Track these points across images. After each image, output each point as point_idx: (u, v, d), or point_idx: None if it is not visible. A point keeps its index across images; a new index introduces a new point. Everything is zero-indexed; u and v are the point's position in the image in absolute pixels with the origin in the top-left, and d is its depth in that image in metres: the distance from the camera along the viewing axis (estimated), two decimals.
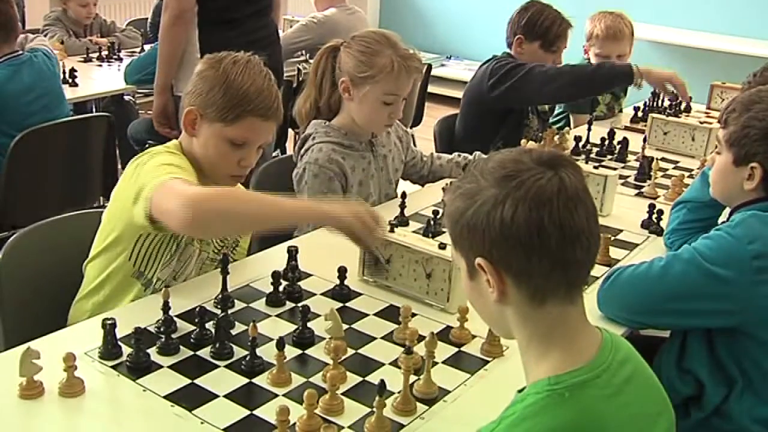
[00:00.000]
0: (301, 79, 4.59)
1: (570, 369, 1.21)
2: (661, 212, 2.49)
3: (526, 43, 3.37)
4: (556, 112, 4.00)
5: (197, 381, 1.60)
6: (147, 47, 4.62)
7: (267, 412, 1.51)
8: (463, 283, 1.33)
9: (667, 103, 3.90)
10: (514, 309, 1.26)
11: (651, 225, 2.50)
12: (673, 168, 3.13)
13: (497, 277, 1.23)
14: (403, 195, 2.46)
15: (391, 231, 1.99)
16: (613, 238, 2.37)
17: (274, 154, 3.88)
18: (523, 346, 1.29)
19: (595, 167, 2.65)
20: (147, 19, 5.39)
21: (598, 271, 2.14)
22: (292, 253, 2.01)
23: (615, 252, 2.30)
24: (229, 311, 1.83)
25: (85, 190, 3.21)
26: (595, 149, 3.24)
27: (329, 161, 2.42)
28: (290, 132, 4.67)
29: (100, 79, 4.08)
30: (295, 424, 1.45)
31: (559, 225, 1.19)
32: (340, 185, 2.44)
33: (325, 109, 2.52)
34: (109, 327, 1.65)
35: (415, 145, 2.79)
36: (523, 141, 3.09)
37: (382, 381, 1.47)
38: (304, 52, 4.62)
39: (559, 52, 3.42)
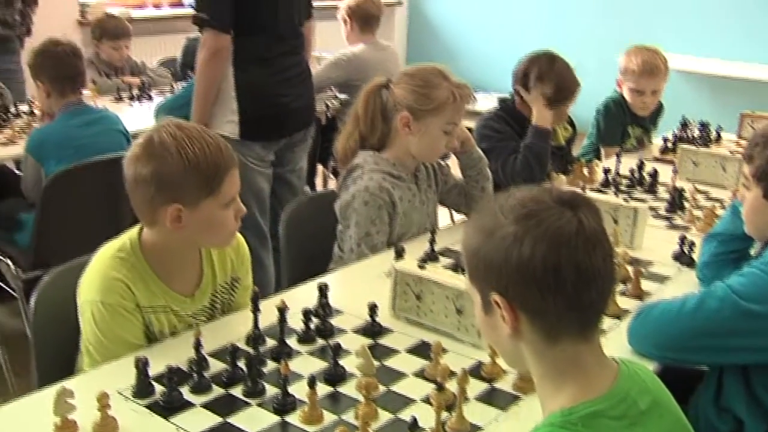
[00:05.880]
0: (329, 114, 4.63)
1: (584, 400, 1.21)
2: (692, 244, 2.47)
3: (530, 95, 3.17)
4: (584, 143, 4.00)
5: (230, 419, 1.60)
6: (177, 86, 4.70)
7: None
8: (477, 316, 1.34)
9: (696, 133, 3.89)
10: (528, 345, 1.27)
11: (682, 257, 2.48)
12: (705, 199, 3.11)
13: (512, 313, 1.24)
14: (433, 230, 2.46)
15: (422, 267, 1.99)
16: (644, 270, 2.36)
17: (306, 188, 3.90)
18: (538, 380, 1.30)
19: (625, 200, 2.64)
20: (176, 58, 5.45)
21: (629, 304, 2.13)
22: (323, 290, 2.01)
23: (646, 285, 2.28)
24: (261, 349, 1.83)
25: (118, 228, 3.24)
26: (624, 181, 3.23)
27: (380, 189, 2.47)
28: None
29: (131, 118, 4.12)
30: None
31: (576, 266, 1.20)
32: (388, 214, 2.49)
33: (374, 143, 2.58)
34: (141, 366, 1.66)
35: (451, 174, 2.82)
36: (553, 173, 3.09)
37: (414, 418, 1.46)
38: (332, 88, 4.66)
39: (563, 110, 3.23)
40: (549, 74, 3.10)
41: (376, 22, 4.81)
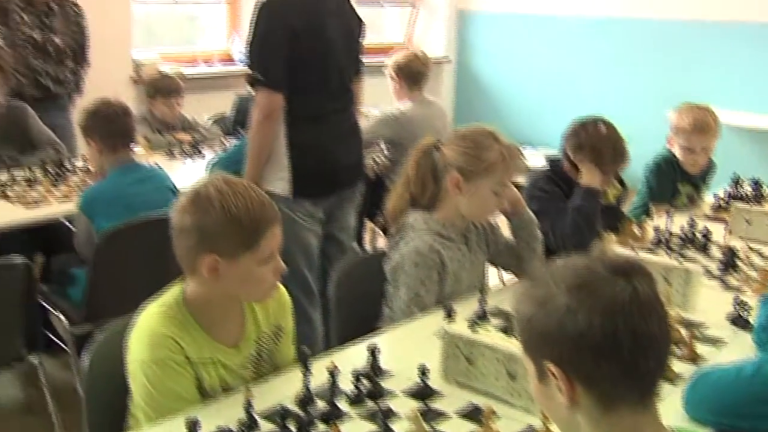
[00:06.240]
0: (377, 171, 4.66)
1: None
2: (747, 305, 2.43)
3: (578, 160, 3.14)
4: (634, 200, 3.97)
5: None
6: (228, 143, 4.76)
7: None
8: (531, 385, 1.33)
9: (749, 190, 3.84)
10: (584, 413, 1.26)
11: (738, 320, 2.43)
12: (759, 258, 3.06)
13: (567, 383, 1.23)
14: (483, 290, 2.45)
15: (472, 329, 1.98)
16: (698, 333, 2.32)
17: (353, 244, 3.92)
18: None
19: (677, 260, 2.60)
20: (227, 115, 5.54)
21: (683, 368, 2.09)
22: (374, 351, 2.00)
23: (700, 348, 2.24)
24: (311, 410, 1.82)
25: (168, 284, 3.29)
26: (676, 240, 3.20)
27: (430, 250, 2.48)
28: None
29: (182, 174, 4.18)
30: None
31: (632, 333, 1.20)
32: (438, 275, 2.49)
33: (425, 203, 2.59)
34: (192, 427, 1.66)
35: (501, 233, 2.81)
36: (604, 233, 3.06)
37: None
38: (380, 143, 4.70)
39: (610, 176, 3.19)
40: (598, 141, 3.09)
41: (424, 79, 4.85)
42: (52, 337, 3.49)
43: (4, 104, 4.28)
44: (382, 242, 4.93)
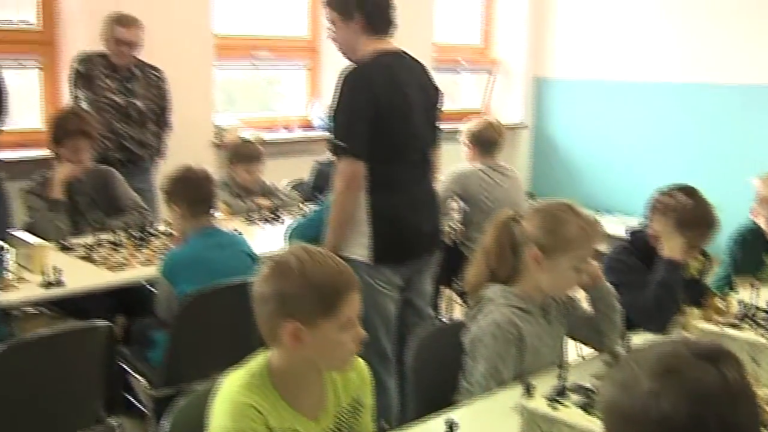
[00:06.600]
0: (453, 238, 4.67)
1: None
2: None
3: (662, 231, 3.12)
4: (717, 272, 3.89)
5: None
6: (306, 208, 4.82)
7: None
8: None
9: None
10: None
11: None
12: None
13: None
14: (561, 365, 2.41)
15: (551, 405, 1.95)
16: None
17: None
18: None
19: (764, 336, 2.53)
20: (304, 180, 5.61)
21: None
22: (451, 427, 1.98)
23: None
24: None
25: (247, 349, 3.33)
26: (762, 314, 3.10)
27: (509, 324, 2.47)
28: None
29: (261, 239, 4.24)
30: None
31: (720, 422, 1.18)
32: (516, 349, 2.47)
33: (503, 276, 2.58)
34: None
35: (580, 306, 2.78)
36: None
37: None
38: (453, 203, 4.71)
39: (698, 248, 3.17)
40: (686, 211, 3.04)
41: (497, 146, 4.88)
42: (132, 400, 3.54)
43: (91, 168, 4.40)
44: (458, 309, 4.91)
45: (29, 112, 5.55)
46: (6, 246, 3.59)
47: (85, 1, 5.32)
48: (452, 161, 4.66)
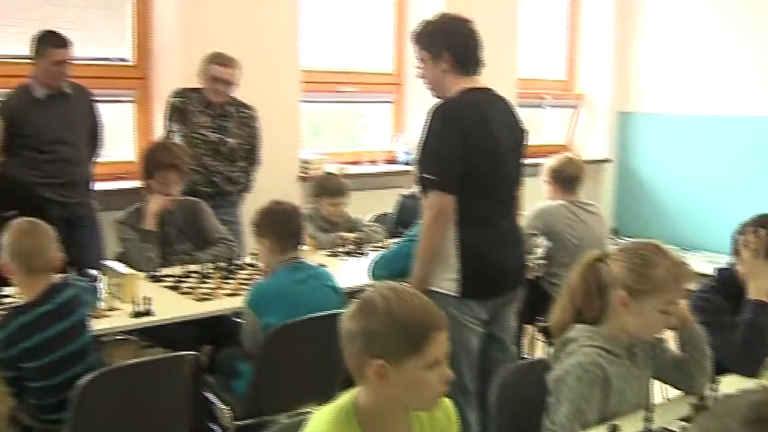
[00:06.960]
0: (536, 275, 4.63)
1: None
2: None
3: (749, 268, 3.07)
4: None
5: None
6: (389, 242, 4.83)
7: None
8: None
9: None
10: None
11: None
12: None
13: None
14: (648, 408, 2.38)
15: None
16: None
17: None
18: None
19: None
20: (387, 213, 5.63)
21: None
22: None
23: None
24: None
25: (331, 383, 3.37)
26: None
27: (594, 365, 2.43)
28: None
29: (345, 273, 4.27)
30: None
31: None
32: (601, 392, 2.44)
33: (589, 317, 2.56)
34: None
35: (668, 348, 2.74)
36: None
37: None
38: (535, 239, 4.69)
39: None
40: None
41: (578, 182, 4.84)
42: (216, 430, 3.59)
43: (180, 200, 4.49)
44: (540, 347, 4.87)
45: (123, 145, 5.72)
46: (99, 275, 3.70)
47: (177, 38, 5.48)
48: (535, 196, 4.64)
